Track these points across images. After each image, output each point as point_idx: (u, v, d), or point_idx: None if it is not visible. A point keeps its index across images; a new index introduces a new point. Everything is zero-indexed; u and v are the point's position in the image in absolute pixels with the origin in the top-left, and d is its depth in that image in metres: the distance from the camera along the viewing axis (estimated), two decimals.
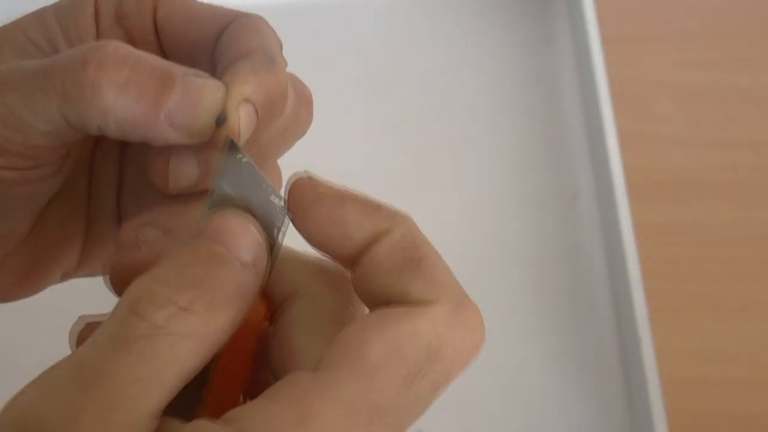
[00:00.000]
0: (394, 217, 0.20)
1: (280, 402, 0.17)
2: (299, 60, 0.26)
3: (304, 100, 0.26)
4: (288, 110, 0.24)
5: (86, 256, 0.27)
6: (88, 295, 0.28)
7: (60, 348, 0.19)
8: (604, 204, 0.55)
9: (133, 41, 0.25)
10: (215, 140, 0.22)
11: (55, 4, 0.26)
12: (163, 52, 0.26)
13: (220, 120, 0.22)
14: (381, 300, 0.20)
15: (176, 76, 0.21)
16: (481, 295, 0.57)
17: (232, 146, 0.22)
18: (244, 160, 0.22)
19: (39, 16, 0.25)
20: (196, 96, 0.21)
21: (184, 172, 0.23)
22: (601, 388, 0.50)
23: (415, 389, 0.17)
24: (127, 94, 0.21)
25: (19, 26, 0.24)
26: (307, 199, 0.21)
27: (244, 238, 0.20)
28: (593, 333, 0.52)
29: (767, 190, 0.55)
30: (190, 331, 0.18)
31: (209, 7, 0.25)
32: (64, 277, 0.28)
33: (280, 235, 0.22)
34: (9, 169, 0.22)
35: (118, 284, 0.23)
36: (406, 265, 0.19)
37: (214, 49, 0.24)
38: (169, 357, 0.18)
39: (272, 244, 0.22)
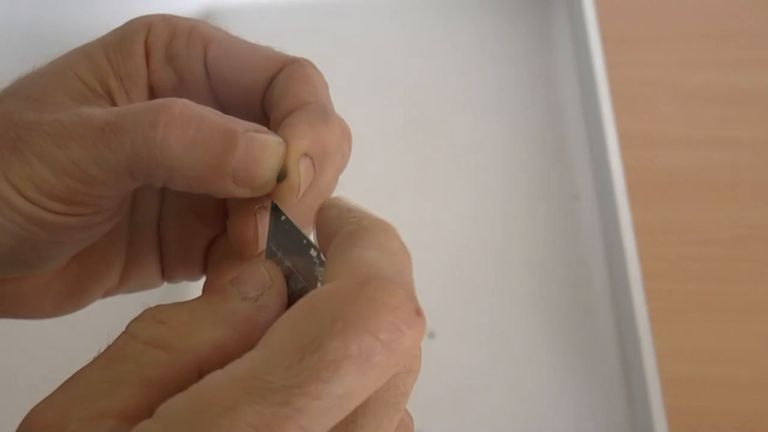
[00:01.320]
0: (346, 210, 0.21)
1: (192, 389, 0.17)
2: None
3: (347, 136, 0.26)
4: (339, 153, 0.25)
5: (127, 276, 0.28)
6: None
7: (59, 350, 0.19)
8: (604, 204, 0.55)
9: (183, 82, 0.26)
10: (275, 194, 0.23)
11: (102, 40, 0.26)
12: (213, 93, 0.27)
13: (282, 176, 0.23)
14: None
15: (238, 133, 0.22)
16: (481, 295, 0.57)
17: (274, 208, 0.23)
18: (282, 218, 0.23)
19: (88, 54, 0.25)
20: (258, 153, 0.22)
21: None
22: (601, 388, 0.50)
23: (307, 365, 0.16)
24: (194, 153, 0.22)
25: (69, 67, 0.25)
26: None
27: (251, 278, 0.22)
28: (593, 333, 0.52)
29: (767, 190, 0.55)
30: (158, 341, 0.19)
31: (259, 49, 0.26)
32: (106, 295, 0.28)
33: (320, 285, 0.22)
34: (73, 216, 0.23)
35: None
36: (333, 251, 0.20)
37: (264, 93, 0.26)
38: (138, 362, 0.19)
39: None
